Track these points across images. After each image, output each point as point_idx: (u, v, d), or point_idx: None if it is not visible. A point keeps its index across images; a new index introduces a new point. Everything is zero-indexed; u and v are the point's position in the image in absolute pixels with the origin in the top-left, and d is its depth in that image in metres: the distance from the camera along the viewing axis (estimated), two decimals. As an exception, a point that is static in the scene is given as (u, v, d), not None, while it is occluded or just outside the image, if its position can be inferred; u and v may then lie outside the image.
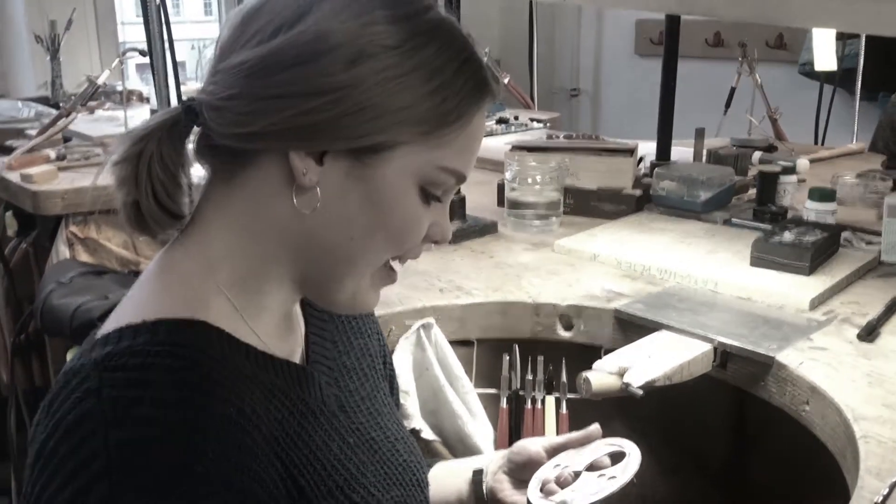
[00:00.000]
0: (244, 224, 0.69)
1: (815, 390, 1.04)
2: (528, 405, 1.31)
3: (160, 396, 0.60)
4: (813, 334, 1.18)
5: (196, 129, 0.69)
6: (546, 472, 0.90)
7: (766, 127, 2.51)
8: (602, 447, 0.91)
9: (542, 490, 0.88)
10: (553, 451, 0.92)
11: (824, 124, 2.72)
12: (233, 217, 0.70)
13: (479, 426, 1.28)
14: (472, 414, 1.29)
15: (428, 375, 1.26)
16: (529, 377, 1.31)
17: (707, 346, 1.16)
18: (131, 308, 0.68)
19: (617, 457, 0.90)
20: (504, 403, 1.33)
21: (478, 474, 0.95)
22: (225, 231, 0.70)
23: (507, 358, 1.31)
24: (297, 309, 0.82)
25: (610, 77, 4.52)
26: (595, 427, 0.93)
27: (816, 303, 1.28)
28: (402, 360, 1.24)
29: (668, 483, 1.48)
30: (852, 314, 1.25)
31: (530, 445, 0.93)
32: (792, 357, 1.11)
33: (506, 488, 0.93)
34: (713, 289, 1.34)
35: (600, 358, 1.28)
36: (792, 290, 1.29)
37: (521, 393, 1.32)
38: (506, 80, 3.14)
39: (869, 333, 1.16)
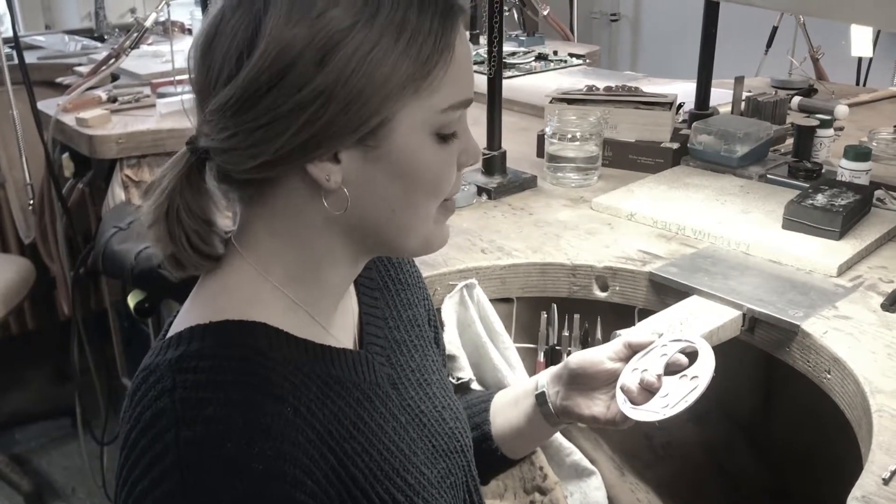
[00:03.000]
0: (286, 234, 0.73)
1: (836, 360, 1.11)
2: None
3: (226, 397, 0.66)
4: (838, 302, 1.23)
5: (210, 163, 0.72)
6: (626, 379, 0.91)
7: (807, 67, 2.50)
8: (670, 346, 0.93)
9: (631, 401, 0.89)
10: (616, 357, 0.95)
11: (867, 63, 2.68)
12: (273, 229, 0.73)
13: (518, 378, 1.36)
14: (512, 367, 1.36)
15: (470, 332, 1.34)
16: (566, 333, 1.39)
17: (736, 313, 1.22)
18: (197, 309, 0.74)
19: (687, 355, 0.91)
20: (541, 357, 1.41)
21: (541, 397, 0.99)
22: (269, 240, 0.73)
23: (545, 315, 1.39)
24: (352, 290, 0.87)
25: (651, 0, 4.45)
26: (655, 334, 0.96)
27: (844, 268, 1.32)
28: (448, 318, 1.31)
29: (696, 430, 1.57)
30: (879, 280, 1.30)
31: (592, 356, 0.95)
32: (816, 326, 1.17)
33: (580, 402, 0.96)
34: (745, 251, 1.39)
35: (634, 317, 1.36)
36: (821, 255, 1.34)
37: (557, 348, 1.40)
38: (545, 12, 3.13)
39: (892, 303, 1.21)
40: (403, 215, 0.72)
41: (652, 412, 0.88)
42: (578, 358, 0.96)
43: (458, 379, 1.26)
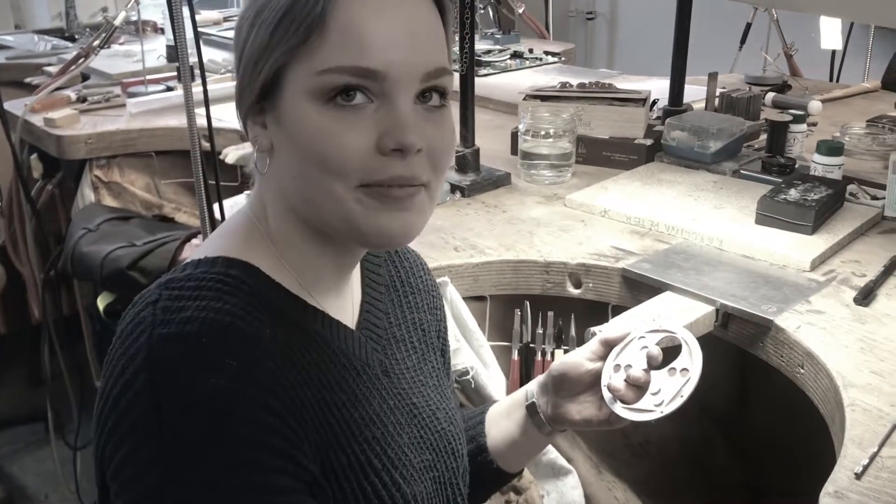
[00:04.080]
0: (263, 190, 0.77)
1: (809, 355, 1.10)
2: (539, 357, 1.39)
3: (205, 304, 0.67)
4: (812, 296, 1.23)
5: None
6: (611, 378, 0.88)
7: (781, 63, 2.50)
8: (649, 337, 0.90)
9: (621, 400, 0.86)
10: (594, 356, 0.93)
11: (840, 59, 2.70)
12: (260, 184, 0.78)
13: (492, 376, 1.35)
14: (486, 365, 1.35)
15: (443, 331, 1.33)
16: (540, 331, 1.38)
17: (710, 308, 1.22)
18: (201, 248, 0.76)
19: (665, 343, 0.89)
20: (515, 355, 1.40)
21: (531, 408, 0.98)
22: (256, 196, 0.78)
23: (519, 313, 1.38)
24: (357, 278, 0.86)
25: (627, -1, 4.46)
26: (630, 326, 0.94)
27: (817, 262, 1.32)
28: (419, 318, 1.30)
29: (673, 427, 1.56)
30: (851, 274, 1.30)
31: (571, 360, 0.94)
32: (790, 321, 1.16)
33: (570, 409, 0.94)
34: (718, 246, 1.39)
35: (608, 313, 1.35)
36: (794, 250, 1.34)
37: (531, 346, 1.39)
38: (521, 10, 3.13)
39: (865, 297, 1.21)
40: (304, 186, 0.71)
41: (647, 412, 0.85)
42: (559, 364, 0.95)
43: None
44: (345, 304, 0.82)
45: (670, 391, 0.84)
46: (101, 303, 1.73)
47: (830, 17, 2.28)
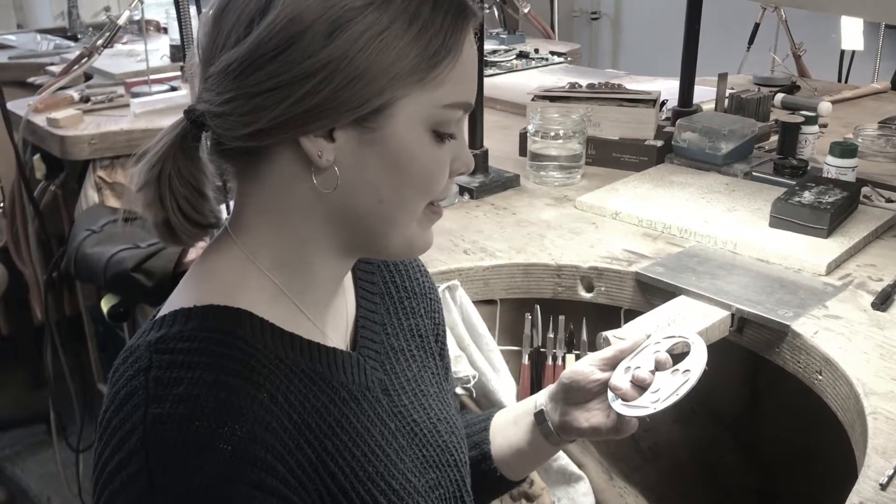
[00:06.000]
0: (274, 213, 0.71)
1: (828, 361, 1.08)
2: (549, 362, 1.37)
3: (199, 377, 0.64)
4: (828, 301, 1.21)
5: (206, 134, 0.71)
6: (618, 381, 0.89)
7: (789, 64, 2.48)
8: (663, 343, 0.91)
9: (622, 398, 0.87)
10: (606, 366, 0.93)
11: (849, 60, 2.68)
12: (262, 207, 0.72)
13: (502, 381, 1.33)
14: (496, 370, 1.34)
15: (453, 335, 1.31)
16: (551, 335, 1.36)
17: (725, 313, 1.20)
18: (184, 292, 0.72)
19: (679, 348, 0.90)
20: (526, 360, 1.38)
21: (539, 416, 0.97)
22: (257, 220, 0.72)
23: (530, 317, 1.36)
24: (350, 289, 0.85)
25: (632, -1, 4.44)
26: (641, 336, 0.94)
27: (833, 266, 1.30)
28: (429, 322, 1.28)
29: (683, 430, 1.54)
30: (868, 278, 1.28)
31: (582, 368, 0.93)
32: (807, 326, 1.14)
33: (578, 416, 0.93)
34: (732, 250, 1.37)
35: (620, 318, 1.33)
36: (809, 254, 1.32)
37: (542, 350, 1.37)
38: (526, 10, 3.10)
39: (883, 302, 1.19)
40: (390, 207, 0.71)
41: (642, 407, 0.86)
42: (569, 372, 0.94)
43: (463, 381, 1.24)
44: (339, 319, 0.81)
45: (668, 390, 0.86)
46: (105, 305, 1.71)
47: (853, 17, 2.25)
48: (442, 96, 0.69)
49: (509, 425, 1.01)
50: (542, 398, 0.98)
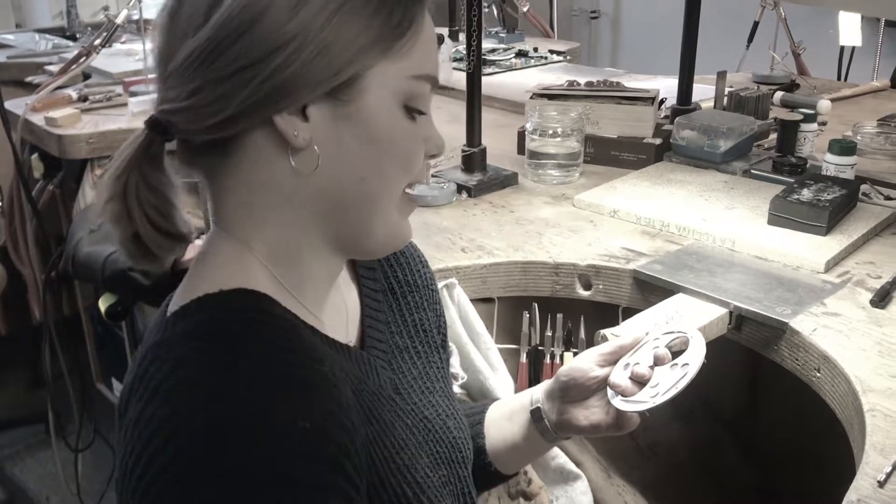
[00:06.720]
0: (255, 204, 0.69)
1: (826, 358, 1.08)
2: (547, 360, 1.36)
3: (260, 357, 0.62)
4: (827, 298, 1.20)
5: (169, 145, 0.68)
6: (618, 378, 0.89)
7: (788, 62, 2.48)
8: (662, 339, 0.91)
9: (621, 394, 0.87)
10: (605, 362, 0.92)
11: (848, 59, 2.67)
12: (242, 199, 0.70)
13: (500, 380, 1.33)
14: (494, 368, 1.33)
15: (451, 333, 1.30)
16: (549, 333, 1.35)
17: (723, 310, 1.19)
18: (196, 283, 0.70)
19: (678, 345, 0.90)
20: (524, 358, 1.38)
21: (536, 413, 0.96)
22: (241, 214, 0.70)
23: (528, 315, 1.36)
24: (352, 288, 0.84)
25: (631, -3, 4.44)
26: (641, 332, 0.94)
27: (832, 264, 1.30)
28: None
29: (682, 428, 1.54)
30: (867, 276, 1.27)
31: (580, 365, 0.92)
32: (805, 323, 1.14)
33: (577, 414, 0.92)
34: (731, 247, 1.37)
35: (618, 316, 1.33)
36: (808, 251, 1.31)
37: (540, 348, 1.37)
38: (525, 9, 3.10)
39: (881, 299, 1.18)
40: (371, 186, 0.70)
41: (640, 402, 0.86)
42: (567, 369, 0.93)
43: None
44: (340, 318, 0.80)
45: (667, 384, 0.86)
46: (103, 304, 1.71)
47: (852, 12, 2.25)
48: (409, 67, 0.69)
49: (504, 420, 1.01)
50: (538, 394, 0.97)
